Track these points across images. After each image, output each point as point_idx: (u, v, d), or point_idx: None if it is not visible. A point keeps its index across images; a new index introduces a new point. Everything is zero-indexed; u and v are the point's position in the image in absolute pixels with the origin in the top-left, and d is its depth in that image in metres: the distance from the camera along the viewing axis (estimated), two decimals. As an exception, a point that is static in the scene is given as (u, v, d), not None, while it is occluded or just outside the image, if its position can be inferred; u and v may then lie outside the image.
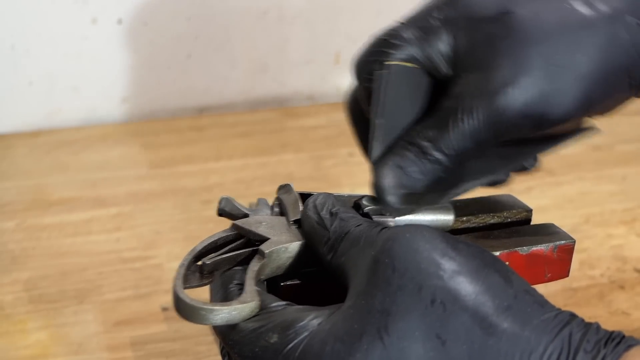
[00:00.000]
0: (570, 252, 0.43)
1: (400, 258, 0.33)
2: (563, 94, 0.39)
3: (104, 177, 0.78)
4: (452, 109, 0.39)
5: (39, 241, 0.68)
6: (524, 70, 0.38)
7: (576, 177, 0.80)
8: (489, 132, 0.39)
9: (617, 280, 0.64)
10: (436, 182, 0.40)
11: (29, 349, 0.56)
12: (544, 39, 0.39)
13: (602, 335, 0.32)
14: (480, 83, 0.39)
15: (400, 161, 0.40)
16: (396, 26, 0.42)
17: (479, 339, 0.31)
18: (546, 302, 0.33)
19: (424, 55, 0.41)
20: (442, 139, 0.39)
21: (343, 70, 0.98)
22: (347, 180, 0.79)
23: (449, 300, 0.32)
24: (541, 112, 0.39)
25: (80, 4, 0.85)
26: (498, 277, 0.33)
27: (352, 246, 0.36)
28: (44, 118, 0.89)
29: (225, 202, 0.42)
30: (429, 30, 0.41)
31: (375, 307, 0.33)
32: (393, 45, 0.41)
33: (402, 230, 0.35)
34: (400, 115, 0.42)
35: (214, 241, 0.39)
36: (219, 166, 0.81)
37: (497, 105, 0.38)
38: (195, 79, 0.93)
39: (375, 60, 0.42)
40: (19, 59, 0.86)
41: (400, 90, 0.41)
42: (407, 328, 0.32)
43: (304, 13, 0.93)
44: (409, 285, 0.32)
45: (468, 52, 0.40)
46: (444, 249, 0.33)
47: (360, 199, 0.41)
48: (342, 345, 0.32)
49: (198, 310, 0.35)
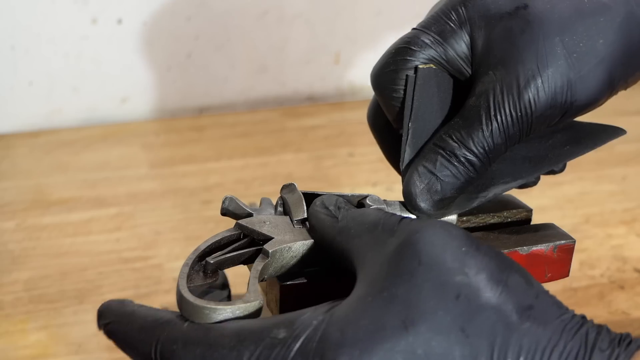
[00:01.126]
0: (571, 252, 0.44)
1: (426, 252, 0.33)
2: (588, 80, 0.39)
3: (104, 177, 0.78)
4: (479, 107, 0.40)
5: (39, 241, 0.68)
6: (548, 61, 0.39)
7: (576, 177, 0.80)
8: (518, 126, 0.39)
9: (617, 280, 0.65)
10: (466, 185, 0.40)
11: (29, 349, 0.56)
12: (563, 28, 0.39)
13: (614, 335, 0.33)
14: (505, 79, 0.39)
15: (431, 165, 0.40)
16: (412, 32, 0.42)
17: (502, 334, 0.32)
18: (562, 304, 0.34)
19: (444, 58, 0.41)
20: (472, 138, 0.40)
21: (343, 70, 0.98)
22: (347, 180, 0.79)
23: (474, 296, 0.32)
24: (568, 100, 0.39)
25: (80, 4, 0.85)
26: (519, 278, 0.34)
27: (368, 231, 0.36)
28: (44, 118, 0.89)
29: (229, 202, 0.41)
30: (446, 32, 0.41)
31: (400, 298, 0.33)
32: (413, 51, 0.41)
33: (428, 224, 0.35)
34: (428, 119, 0.42)
35: (217, 240, 0.39)
36: (219, 166, 0.81)
37: (524, 99, 0.39)
38: (195, 79, 0.93)
39: (398, 69, 0.42)
40: (19, 59, 0.86)
41: (428, 94, 0.41)
42: (432, 320, 0.32)
43: (304, 13, 0.93)
44: (434, 280, 0.33)
45: (488, 49, 0.40)
46: (468, 246, 0.34)
47: (364, 199, 0.41)
48: (366, 334, 0.32)
49: (202, 309, 0.35)
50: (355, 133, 0.88)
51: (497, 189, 0.42)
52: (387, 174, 0.79)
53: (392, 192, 0.76)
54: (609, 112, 1.04)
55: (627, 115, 0.92)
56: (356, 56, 0.97)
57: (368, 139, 0.49)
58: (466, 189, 0.41)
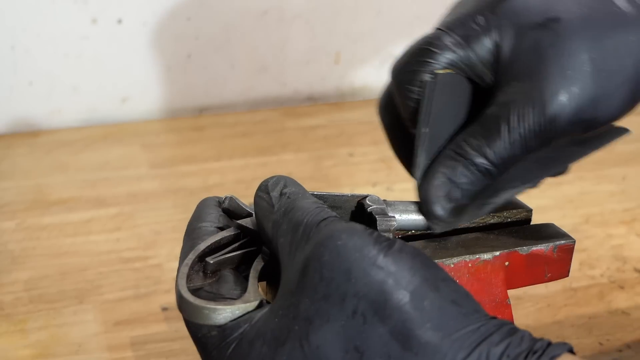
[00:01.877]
0: (570, 252, 0.44)
1: (328, 266, 0.33)
2: (612, 98, 0.39)
3: (104, 177, 0.78)
4: (500, 117, 0.39)
5: (39, 241, 0.68)
6: (575, 78, 0.39)
7: (576, 177, 0.80)
8: (538, 139, 0.39)
9: (617, 280, 0.65)
10: (480, 192, 0.40)
11: (29, 349, 0.56)
12: (593, 45, 0.39)
13: (524, 347, 0.31)
14: (530, 91, 0.39)
15: (449, 172, 0.40)
16: (436, 33, 0.42)
17: (395, 353, 0.31)
18: (474, 313, 0.32)
19: (466, 63, 0.41)
20: (491, 148, 0.39)
21: (343, 70, 0.98)
22: (347, 180, 0.79)
23: (370, 312, 0.32)
24: (591, 117, 0.39)
25: (80, 4, 0.85)
26: (424, 287, 0.32)
27: (291, 231, 0.35)
28: (44, 118, 0.89)
29: (230, 201, 0.41)
30: (471, 36, 0.41)
31: (301, 314, 0.33)
32: (434, 53, 0.41)
33: (335, 234, 0.34)
34: (444, 124, 0.41)
35: (217, 240, 0.39)
36: (219, 166, 0.81)
37: (548, 113, 0.38)
38: (195, 79, 0.93)
39: (418, 70, 0.41)
40: (19, 59, 0.86)
41: (445, 99, 0.41)
42: (326, 338, 0.32)
43: (304, 13, 0.93)
44: (333, 295, 0.32)
45: (514, 59, 0.40)
46: (373, 257, 0.33)
47: (364, 199, 0.41)
48: (268, 349, 0.33)
49: (201, 310, 0.35)
50: (355, 133, 0.88)
51: (507, 194, 0.41)
52: (387, 174, 0.79)
53: (392, 192, 0.76)
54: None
55: (626, 115, 0.92)
56: (356, 56, 0.97)
57: (368, 139, 0.49)
58: (479, 196, 0.40)
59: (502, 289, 0.42)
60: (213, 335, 0.35)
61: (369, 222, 0.40)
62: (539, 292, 0.62)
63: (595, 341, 0.57)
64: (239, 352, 0.34)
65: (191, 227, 0.40)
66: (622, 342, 0.57)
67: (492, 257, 0.41)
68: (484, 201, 0.41)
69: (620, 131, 0.43)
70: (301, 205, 0.36)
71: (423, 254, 0.34)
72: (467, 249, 0.42)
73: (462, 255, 0.41)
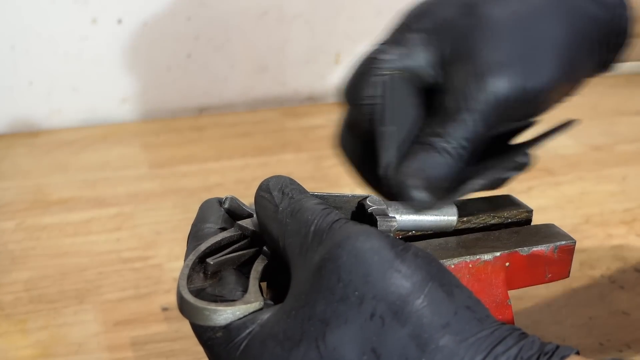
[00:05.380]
0: (571, 252, 0.43)
1: (346, 268, 0.33)
2: (543, 62, 0.43)
3: (104, 177, 0.78)
4: (453, 101, 0.42)
5: (39, 241, 0.68)
6: (502, 48, 0.42)
7: (576, 177, 0.80)
8: (491, 112, 0.41)
9: (617, 280, 0.65)
10: (457, 173, 0.42)
11: (29, 349, 0.56)
12: (513, 18, 0.43)
13: (535, 350, 0.32)
14: (469, 71, 0.42)
15: (419, 162, 0.41)
16: (378, 48, 0.45)
17: (413, 355, 0.32)
18: (486, 318, 0.33)
19: (410, 68, 0.44)
20: (454, 131, 0.41)
21: (343, 70, 0.98)
22: (347, 180, 0.79)
23: (389, 315, 0.32)
24: (529, 84, 0.42)
25: (80, 4, 0.85)
26: (441, 292, 0.33)
27: (300, 233, 0.36)
28: (44, 118, 0.89)
29: (230, 202, 0.41)
30: (409, 44, 0.44)
31: (316, 315, 0.33)
32: (381, 61, 0.44)
33: (351, 236, 0.34)
34: (405, 123, 0.43)
35: (218, 241, 0.39)
36: (219, 166, 0.81)
37: (489, 84, 0.41)
38: (195, 79, 0.93)
39: (367, 78, 0.44)
40: (19, 59, 0.86)
41: (400, 99, 0.43)
42: (343, 340, 0.32)
43: (304, 13, 0.93)
44: (351, 297, 0.33)
45: (450, 51, 0.43)
46: (391, 260, 0.33)
47: (364, 199, 0.41)
48: (281, 349, 0.33)
49: (202, 311, 0.35)
50: (355, 133, 0.88)
51: (475, 182, 0.42)
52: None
53: (392, 192, 0.76)
54: (609, 112, 1.05)
55: (627, 115, 0.92)
56: (356, 56, 0.97)
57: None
58: (458, 176, 0.42)
59: (502, 289, 0.42)
60: (219, 336, 0.35)
61: (369, 222, 0.40)
62: (540, 293, 0.62)
63: (596, 341, 0.57)
64: (250, 352, 0.34)
65: (195, 228, 0.41)
66: (622, 342, 0.58)
67: (492, 258, 0.41)
68: (457, 189, 0.42)
69: (570, 122, 0.46)
70: (308, 206, 0.37)
71: (436, 260, 0.34)
72: (468, 250, 0.42)
73: (463, 256, 0.41)
